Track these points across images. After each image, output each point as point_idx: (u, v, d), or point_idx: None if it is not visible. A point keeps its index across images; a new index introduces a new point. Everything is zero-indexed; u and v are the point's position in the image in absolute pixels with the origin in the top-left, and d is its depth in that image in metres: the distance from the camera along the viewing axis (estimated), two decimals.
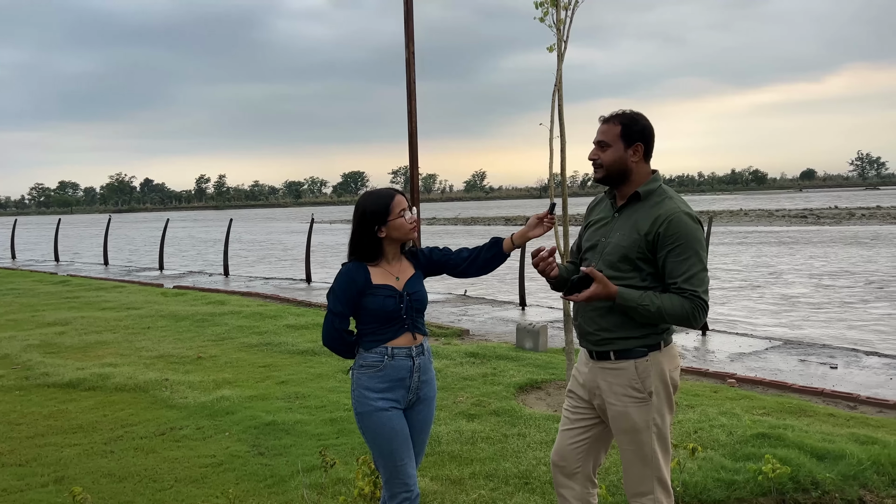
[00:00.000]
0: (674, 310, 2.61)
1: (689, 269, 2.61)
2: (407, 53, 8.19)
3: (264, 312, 10.47)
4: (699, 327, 2.71)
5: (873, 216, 40.30)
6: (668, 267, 2.64)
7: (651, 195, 2.74)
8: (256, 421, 5.33)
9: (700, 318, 2.63)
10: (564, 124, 5.46)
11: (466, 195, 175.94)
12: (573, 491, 2.90)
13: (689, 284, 2.60)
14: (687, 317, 2.61)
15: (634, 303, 2.62)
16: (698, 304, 2.61)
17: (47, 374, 6.87)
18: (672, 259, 2.63)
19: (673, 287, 2.63)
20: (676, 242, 2.62)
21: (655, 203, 2.71)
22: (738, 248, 23.61)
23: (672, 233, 2.63)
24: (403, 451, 2.85)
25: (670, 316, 2.62)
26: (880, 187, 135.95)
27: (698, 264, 2.63)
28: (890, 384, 6.71)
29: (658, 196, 2.73)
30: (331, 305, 2.87)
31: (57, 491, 4.13)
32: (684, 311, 2.61)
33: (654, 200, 2.72)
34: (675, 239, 2.62)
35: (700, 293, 2.61)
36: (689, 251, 2.62)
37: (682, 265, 2.62)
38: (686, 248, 2.62)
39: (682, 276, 2.61)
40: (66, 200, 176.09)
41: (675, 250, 2.63)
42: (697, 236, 2.66)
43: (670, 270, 2.64)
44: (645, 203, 2.73)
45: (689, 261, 2.62)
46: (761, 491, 3.94)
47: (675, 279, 2.62)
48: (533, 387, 6.30)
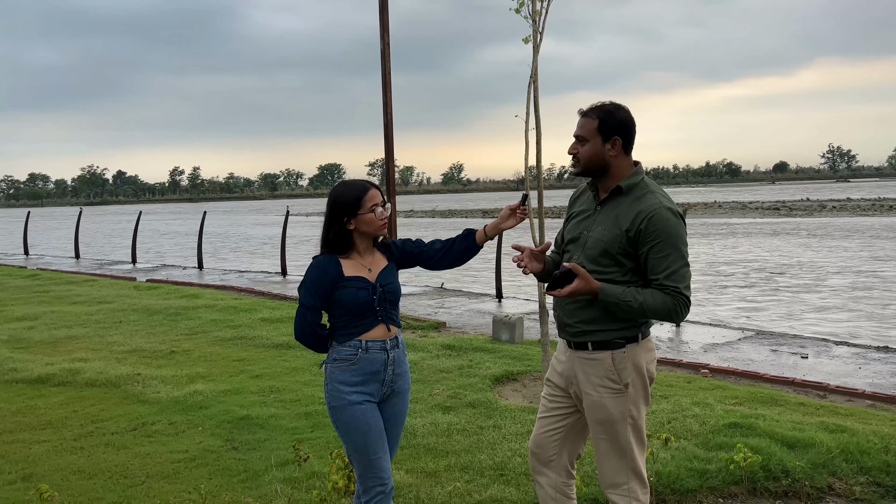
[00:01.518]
0: (656, 306, 2.61)
1: (670, 266, 2.61)
2: (382, 44, 8.14)
3: (239, 306, 10.37)
4: (680, 323, 2.70)
5: (843, 208, 41.01)
6: (650, 263, 2.64)
7: (633, 189, 2.72)
8: (230, 415, 5.27)
9: (682, 313, 2.64)
10: (540, 117, 5.46)
11: (444, 188, 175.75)
12: (548, 479, 2.91)
13: (670, 281, 2.60)
14: (669, 313, 2.62)
15: (616, 298, 2.62)
16: (680, 300, 2.61)
17: (15, 369, 6.73)
18: (654, 255, 2.63)
19: (655, 283, 2.63)
20: (658, 239, 2.62)
21: (637, 198, 2.69)
22: (712, 240, 23.88)
23: (653, 229, 2.62)
24: (378, 445, 2.82)
25: (652, 312, 2.62)
26: (851, 179, 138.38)
27: (680, 260, 2.62)
28: (859, 373, 6.83)
29: (640, 190, 2.72)
30: (302, 299, 2.84)
31: (24, 488, 4.05)
32: (666, 308, 2.61)
33: (636, 195, 2.71)
34: (656, 235, 2.62)
35: (682, 289, 2.61)
36: (671, 247, 2.62)
37: (664, 261, 2.61)
38: (667, 244, 2.62)
39: (664, 272, 2.61)
40: (36, 193, 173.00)
41: (657, 247, 2.62)
42: (679, 232, 2.65)
43: (652, 267, 2.63)
44: (627, 197, 2.72)
45: (671, 257, 2.61)
46: (733, 480, 3.99)
47: (657, 275, 2.62)
48: (509, 379, 6.31)
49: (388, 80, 8.09)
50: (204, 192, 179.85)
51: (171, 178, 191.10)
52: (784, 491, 3.97)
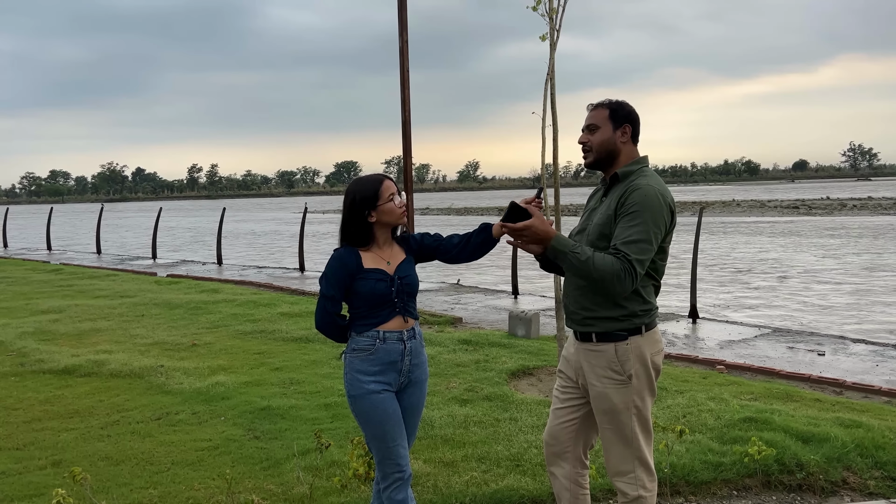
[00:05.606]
0: (603, 266, 2.59)
1: (631, 235, 2.63)
2: (400, 42, 8.20)
3: (258, 300, 10.51)
4: (624, 293, 2.71)
5: (864, 207, 40.53)
6: (617, 230, 2.68)
7: (629, 175, 2.80)
8: (251, 406, 5.39)
9: (626, 282, 2.60)
10: (557, 114, 5.50)
11: (460, 185, 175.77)
12: (563, 470, 2.97)
13: (625, 247, 2.61)
14: (612, 278, 2.59)
15: (567, 249, 2.64)
16: (627, 267, 2.59)
17: (42, 360, 6.90)
18: (622, 223, 2.67)
19: (612, 249, 2.65)
20: (632, 210, 2.66)
21: (631, 181, 2.77)
22: (736, 238, 23.74)
23: (632, 201, 2.67)
24: (396, 433, 2.90)
25: (597, 271, 2.59)
26: (872, 178, 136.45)
27: (643, 234, 2.63)
28: (876, 370, 6.82)
29: (635, 175, 2.79)
30: (323, 290, 2.92)
31: (55, 473, 4.19)
32: (613, 270, 2.58)
33: (631, 179, 2.78)
34: (631, 206, 2.67)
35: (633, 258, 2.60)
36: (640, 219, 2.64)
37: (628, 230, 2.64)
38: (638, 215, 2.64)
39: (623, 238, 2.63)
40: (57, 189, 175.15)
41: (628, 216, 2.66)
42: (654, 207, 2.67)
43: (616, 234, 2.67)
44: (622, 183, 2.80)
45: (636, 227, 2.63)
46: (747, 472, 4.03)
47: (616, 241, 2.65)
48: (525, 373, 6.38)
49: (406, 78, 8.17)
50: (222, 188, 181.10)
51: (190, 175, 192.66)
52: (798, 484, 4.01)
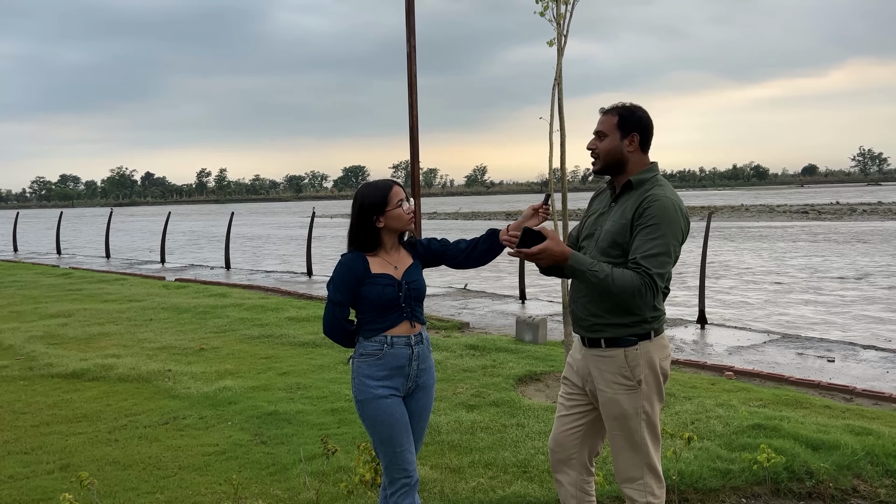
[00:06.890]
0: (623, 281, 2.59)
1: (651, 248, 2.62)
2: (408, 47, 8.23)
3: (266, 305, 10.53)
4: (646, 307, 2.69)
5: (874, 212, 40.30)
6: (635, 243, 2.66)
7: (643, 183, 2.78)
8: (258, 411, 5.39)
9: (647, 297, 2.61)
10: (564, 119, 5.51)
11: (467, 190, 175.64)
12: (569, 477, 2.96)
13: (646, 261, 2.61)
14: (633, 292, 2.59)
15: (585, 267, 2.63)
16: (647, 281, 2.59)
17: (51, 364, 6.93)
18: (640, 236, 2.66)
19: (631, 262, 2.64)
20: (650, 222, 2.65)
21: (645, 190, 2.75)
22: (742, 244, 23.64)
23: (650, 213, 2.66)
24: (403, 438, 2.90)
25: (617, 286, 2.59)
26: (882, 183, 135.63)
27: (662, 246, 2.63)
28: (886, 377, 6.77)
29: (650, 184, 2.77)
30: (331, 295, 2.93)
31: (62, 478, 4.20)
32: (633, 285, 2.58)
33: (646, 188, 2.76)
34: (649, 219, 2.66)
35: (653, 273, 2.60)
36: (659, 232, 2.63)
37: (648, 243, 2.63)
38: (657, 228, 2.64)
39: (643, 252, 2.62)
40: (67, 194, 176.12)
41: (647, 229, 2.65)
42: (673, 220, 2.67)
43: (635, 246, 2.66)
44: (636, 191, 2.78)
45: (656, 241, 2.63)
46: (756, 480, 4.00)
47: (636, 254, 2.64)
48: (532, 378, 6.36)
49: (413, 83, 8.18)
50: (230, 193, 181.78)
51: (198, 180, 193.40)
52: (807, 492, 3.97)
